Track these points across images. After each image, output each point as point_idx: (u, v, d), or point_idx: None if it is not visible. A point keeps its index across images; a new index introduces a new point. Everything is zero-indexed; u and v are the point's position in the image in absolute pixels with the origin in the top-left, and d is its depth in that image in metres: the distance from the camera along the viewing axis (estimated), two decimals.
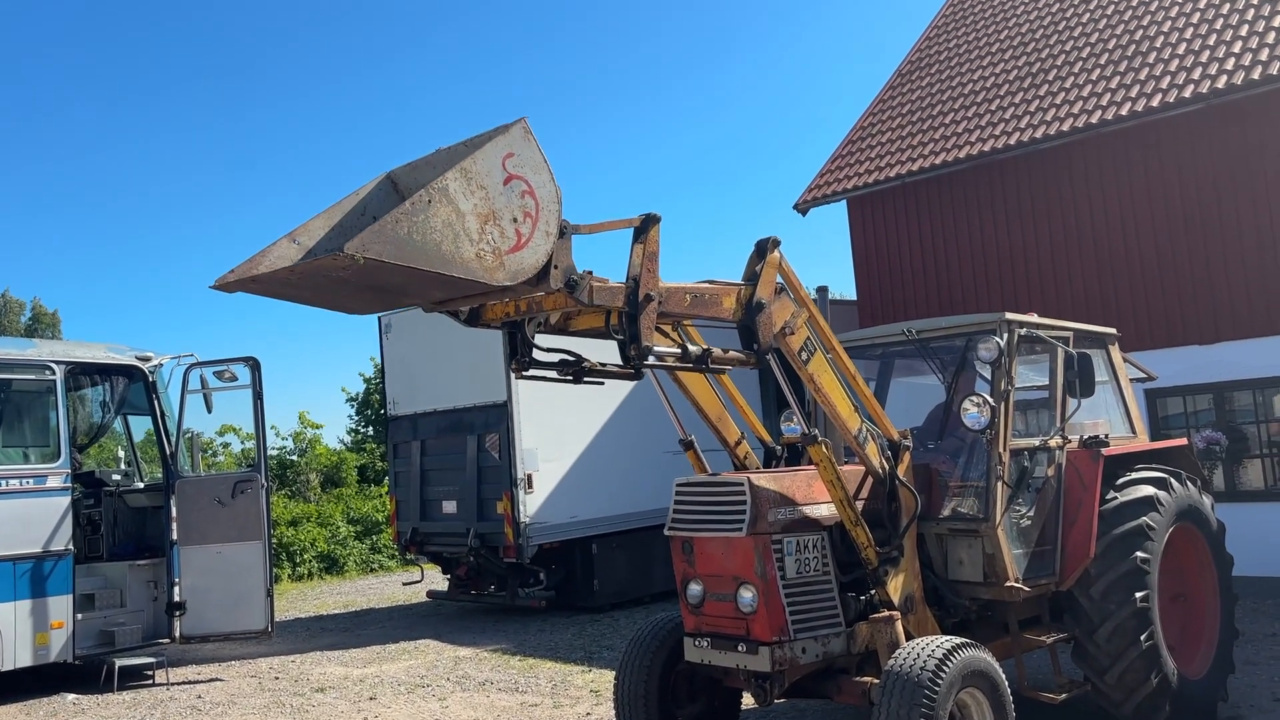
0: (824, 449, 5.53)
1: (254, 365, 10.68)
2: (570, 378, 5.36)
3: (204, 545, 10.37)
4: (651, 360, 4.94)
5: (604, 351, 5.30)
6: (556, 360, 5.31)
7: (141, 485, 11.66)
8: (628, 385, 12.97)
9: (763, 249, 5.43)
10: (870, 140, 15.93)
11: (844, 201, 15.53)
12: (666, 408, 6.34)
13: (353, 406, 29.04)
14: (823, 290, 12.18)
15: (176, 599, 10.38)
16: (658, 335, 5.35)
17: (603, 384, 5.54)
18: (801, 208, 15.72)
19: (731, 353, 5.38)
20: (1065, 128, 13.02)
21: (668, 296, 4.93)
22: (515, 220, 4.06)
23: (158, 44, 57.54)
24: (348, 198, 4.42)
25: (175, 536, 10.39)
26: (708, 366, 5.34)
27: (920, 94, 16.23)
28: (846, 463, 6.55)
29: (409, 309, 13.94)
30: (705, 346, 5.36)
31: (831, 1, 66.89)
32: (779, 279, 5.49)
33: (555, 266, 4.25)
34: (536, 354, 5.26)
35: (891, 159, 15.10)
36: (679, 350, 5.22)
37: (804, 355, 5.55)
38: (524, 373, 5.27)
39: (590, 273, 4.54)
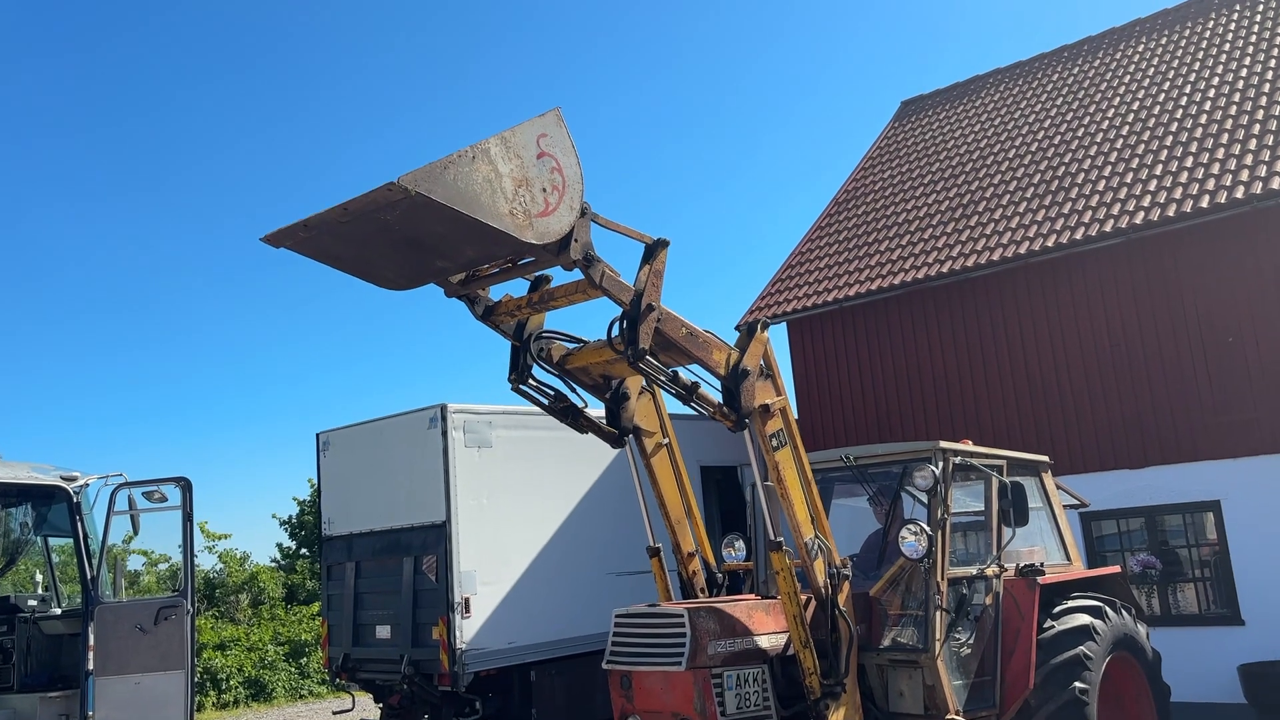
0: (785, 557, 5.56)
1: (185, 486, 10.37)
2: (558, 413, 5.77)
3: (122, 675, 9.87)
4: (644, 367, 5.21)
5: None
6: (552, 394, 5.74)
7: (59, 611, 11.14)
8: (573, 500, 12.85)
9: (752, 328, 5.75)
10: (809, 265, 16.37)
11: (784, 324, 15.84)
12: (639, 501, 6.44)
13: (285, 530, 28.24)
14: None
15: None
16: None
17: (585, 434, 5.96)
18: (740, 330, 15.97)
19: (722, 406, 5.58)
20: (995, 257, 13.53)
21: (667, 318, 5.23)
22: (545, 190, 4.52)
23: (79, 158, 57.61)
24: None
25: (91, 666, 9.89)
26: (692, 398, 5.54)
27: (856, 222, 16.79)
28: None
29: (346, 428, 13.68)
30: (695, 380, 5.57)
31: (775, 130, 69.53)
32: (763, 364, 5.73)
33: (576, 240, 4.70)
34: (532, 391, 5.70)
35: (829, 283, 15.51)
36: (671, 372, 5.42)
37: (775, 442, 5.70)
38: (520, 386, 5.65)
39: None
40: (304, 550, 27.52)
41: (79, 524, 10.41)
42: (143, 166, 56.19)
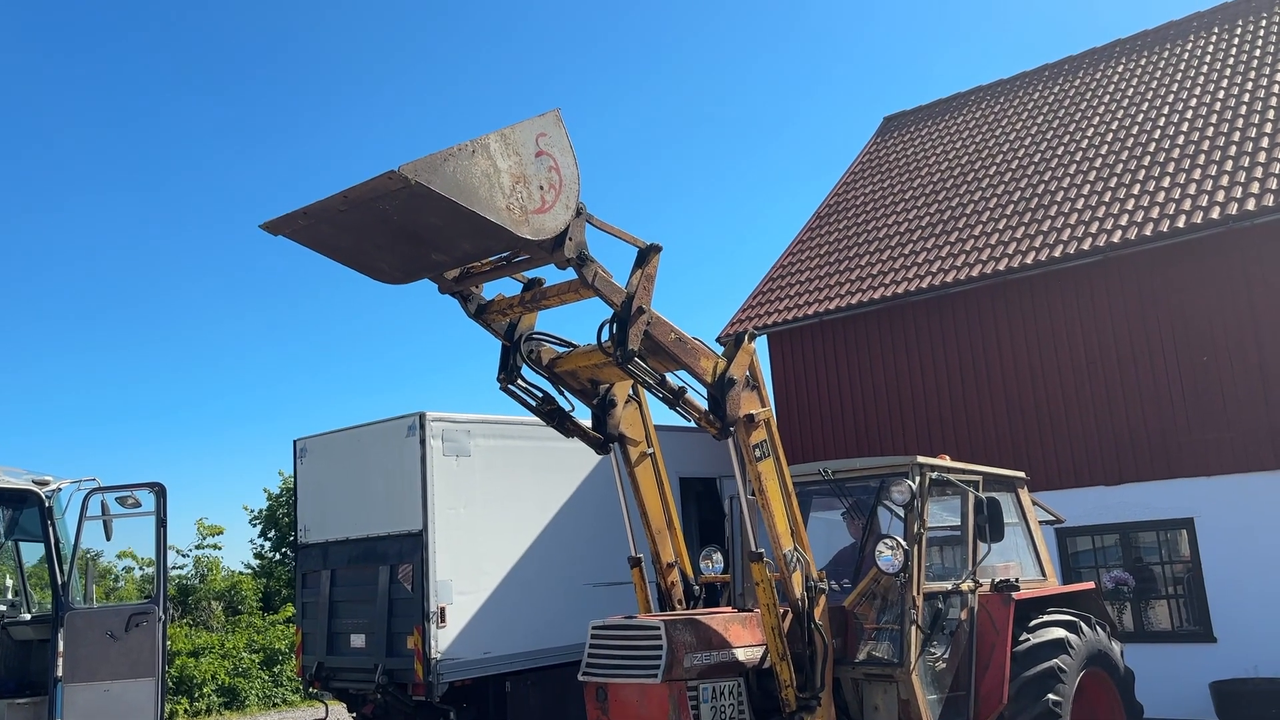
0: (765, 569, 5.57)
1: (159, 491, 10.28)
2: (545, 415, 5.83)
3: (91, 683, 9.76)
4: (633, 369, 5.24)
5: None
6: (540, 396, 5.84)
7: (29, 616, 11.01)
8: (551, 511, 12.83)
9: (740, 338, 5.78)
10: (790, 278, 16.44)
11: (765, 337, 15.89)
12: (623, 510, 6.44)
13: (256, 527, 27.96)
14: None
15: None
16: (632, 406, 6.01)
17: (570, 439, 6.02)
18: (723, 341, 16.02)
19: (708, 413, 5.61)
20: (975, 273, 13.62)
21: (656, 322, 5.27)
22: (542, 188, 4.60)
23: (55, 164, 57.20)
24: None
25: (60, 673, 9.77)
26: (678, 403, 5.56)
27: (838, 236, 16.87)
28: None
29: (324, 434, 13.60)
30: (682, 385, 5.60)
31: (758, 144, 69.82)
32: (749, 374, 5.76)
33: (570, 239, 4.79)
34: (527, 392, 5.76)
35: (810, 297, 15.57)
36: (659, 376, 5.43)
37: (758, 453, 5.72)
38: (509, 386, 5.71)
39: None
40: (276, 553, 27.29)
41: (50, 529, 10.31)
42: (122, 166, 55.85)
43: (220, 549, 26.13)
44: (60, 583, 10.11)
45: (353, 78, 62.13)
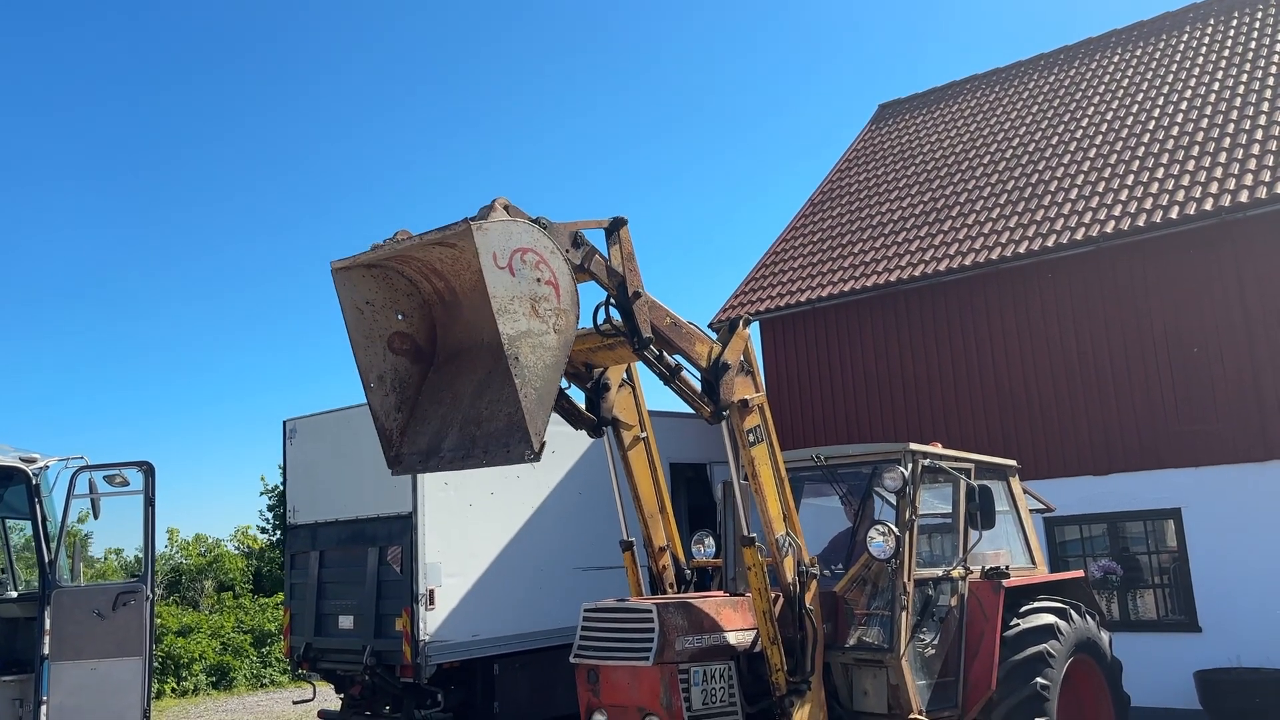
0: (758, 554, 5.58)
1: (148, 470, 10.22)
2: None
3: (78, 661, 9.72)
4: (647, 355, 5.29)
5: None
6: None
7: (15, 594, 10.96)
8: (541, 494, 12.82)
9: (734, 324, 5.80)
10: (783, 265, 16.41)
11: (757, 323, 15.87)
12: (615, 494, 6.46)
13: (267, 500, 27.89)
14: None
15: (43, 719, 9.64)
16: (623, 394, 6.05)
17: (565, 419, 5.94)
18: (716, 326, 16.00)
19: (702, 393, 5.64)
20: (967, 262, 13.61)
21: (652, 306, 5.28)
22: (539, 280, 4.55)
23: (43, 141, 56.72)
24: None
25: (47, 651, 9.73)
26: (674, 380, 5.59)
27: (831, 223, 16.85)
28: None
29: (313, 415, 13.47)
30: (678, 364, 5.64)
31: (753, 130, 69.72)
32: (743, 359, 5.78)
33: (566, 250, 4.80)
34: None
35: (802, 284, 15.55)
36: (656, 353, 5.47)
37: (752, 438, 5.74)
38: None
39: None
40: (277, 533, 27.34)
41: (38, 506, 10.24)
42: (114, 151, 55.46)
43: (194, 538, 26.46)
44: (47, 560, 10.05)
45: (341, 68, 61.76)
